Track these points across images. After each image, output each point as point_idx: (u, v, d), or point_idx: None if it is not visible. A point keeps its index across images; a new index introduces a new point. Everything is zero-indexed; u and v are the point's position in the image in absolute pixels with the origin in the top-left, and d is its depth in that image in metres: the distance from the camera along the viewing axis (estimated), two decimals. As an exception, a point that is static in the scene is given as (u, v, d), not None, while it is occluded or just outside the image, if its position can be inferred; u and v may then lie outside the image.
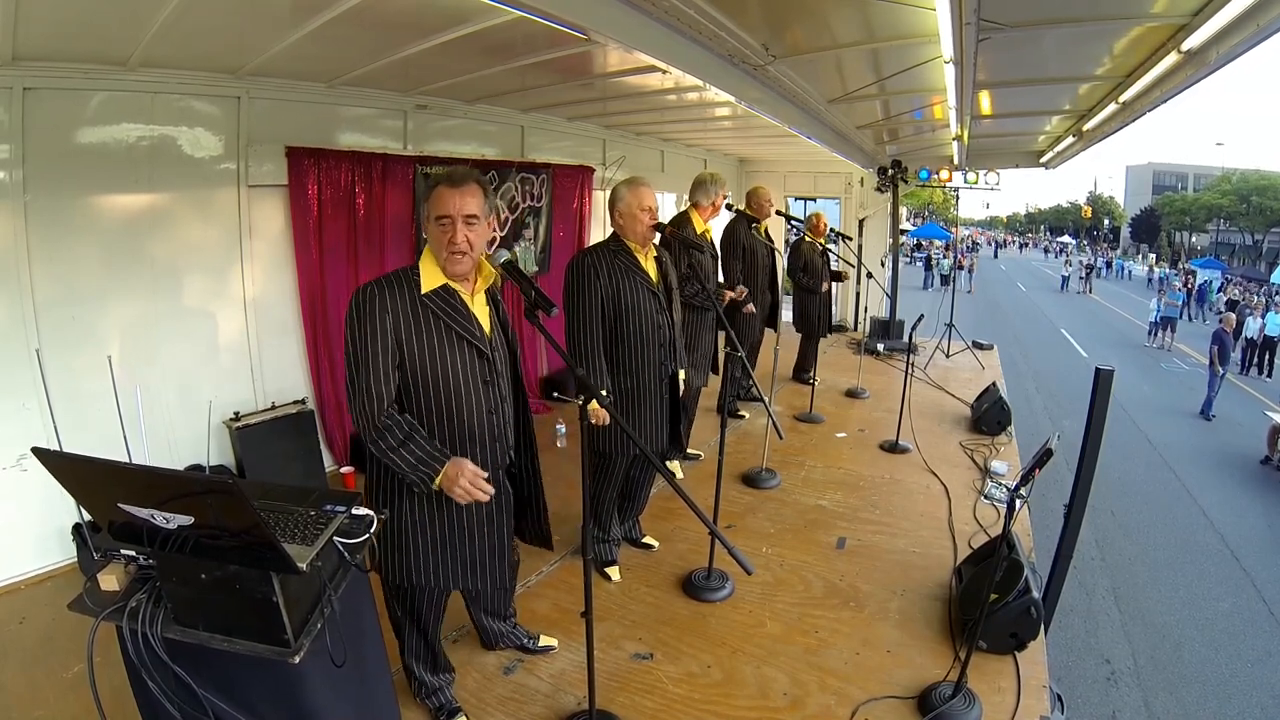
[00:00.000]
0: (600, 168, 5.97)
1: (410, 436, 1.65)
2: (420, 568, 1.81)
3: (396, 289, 1.66)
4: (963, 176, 7.51)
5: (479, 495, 1.63)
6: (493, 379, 1.77)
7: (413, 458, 1.63)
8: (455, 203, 1.63)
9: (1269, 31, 2.27)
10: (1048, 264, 39.41)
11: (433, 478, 1.63)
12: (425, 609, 1.93)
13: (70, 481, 1.25)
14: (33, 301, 2.79)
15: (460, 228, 1.64)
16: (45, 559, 2.91)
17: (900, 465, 4.14)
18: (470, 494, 1.62)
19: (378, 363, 1.63)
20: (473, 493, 1.62)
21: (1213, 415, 10.37)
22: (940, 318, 7.14)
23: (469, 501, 1.66)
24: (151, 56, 2.77)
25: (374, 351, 1.62)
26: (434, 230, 1.67)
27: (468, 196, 1.64)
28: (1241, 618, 5.32)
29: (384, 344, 1.63)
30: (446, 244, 1.64)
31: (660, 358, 2.64)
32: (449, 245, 1.64)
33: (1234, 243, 35.79)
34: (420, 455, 1.63)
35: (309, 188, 3.65)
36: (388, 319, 1.63)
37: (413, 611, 1.94)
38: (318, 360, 3.91)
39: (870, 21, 2.90)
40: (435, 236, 1.67)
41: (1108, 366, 2.74)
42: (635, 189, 2.53)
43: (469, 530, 1.81)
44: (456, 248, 1.64)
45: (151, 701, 1.34)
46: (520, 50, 3.01)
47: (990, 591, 2.17)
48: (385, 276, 1.70)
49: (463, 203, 1.63)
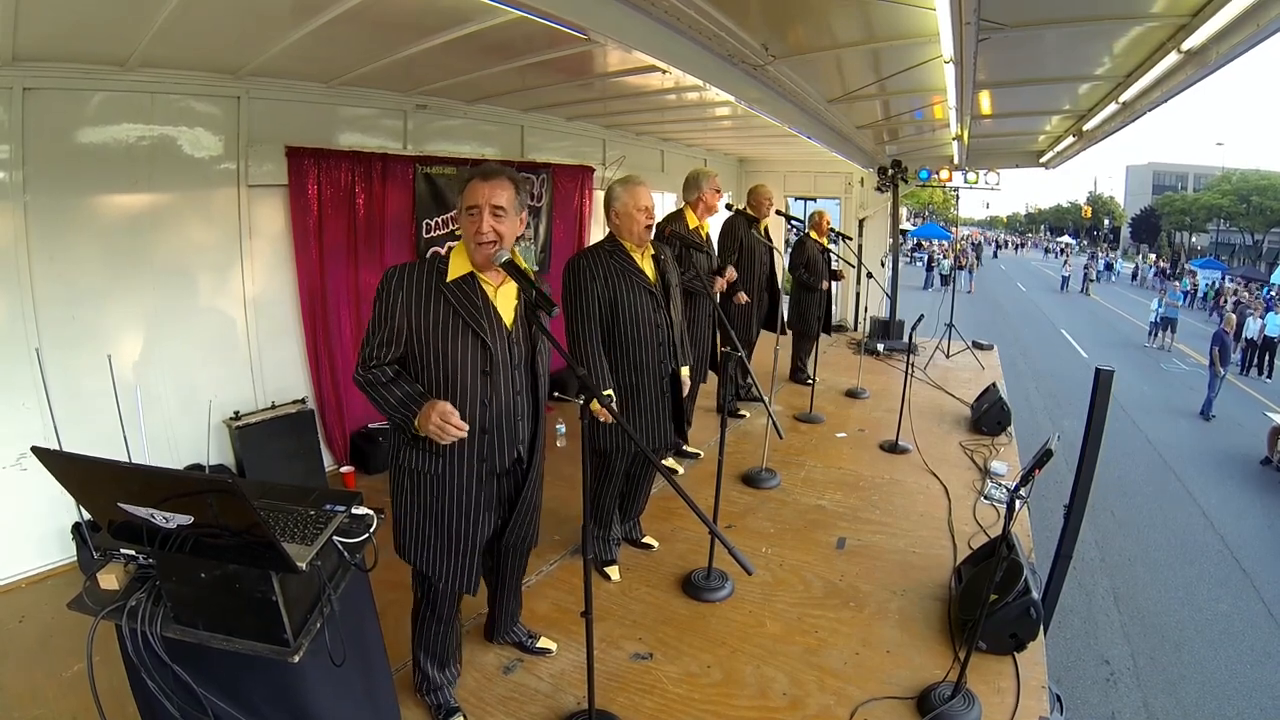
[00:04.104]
0: (600, 167, 5.97)
1: (394, 380, 1.75)
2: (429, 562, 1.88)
3: (419, 273, 1.79)
4: (963, 176, 7.51)
5: (452, 431, 1.66)
6: (493, 371, 1.80)
7: (394, 399, 1.73)
8: (485, 193, 1.74)
9: (1269, 31, 2.27)
10: (1047, 264, 39.42)
11: (412, 418, 1.70)
12: (441, 598, 1.97)
13: (70, 481, 1.25)
14: (33, 301, 2.79)
15: (487, 217, 1.73)
16: (45, 558, 2.91)
17: (900, 465, 4.14)
18: (444, 429, 1.65)
19: (384, 331, 1.77)
20: (442, 432, 1.65)
21: (1213, 416, 10.37)
22: (940, 318, 7.13)
23: (446, 440, 1.68)
24: (151, 56, 2.77)
25: (384, 320, 1.76)
26: (465, 220, 1.78)
27: (497, 189, 1.75)
28: (1241, 618, 5.32)
29: (392, 315, 1.76)
30: (474, 232, 1.74)
31: (659, 357, 2.64)
32: (476, 234, 1.74)
33: (1234, 243, 35.77)
34: (401, 397, 1.73)
35: (309, 188, 3.65)
36: (400, 295, 1.76)
37: (431, 598, 1.98)
38: (318, 360, 3.91)
39: (870, 21, 2.90)
40: (465, 226, 1.77)
41: (1108, 367, 2.74)
42: (631, 189, 2.53)
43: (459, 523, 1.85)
44: (484, 236, 1.74)
45: (151, 701, 1.35)
46: (520, 50, 3.01)
47: (990, 592, 2.17)
48: (414, 261, 1.88)
49: (491, 194, 1.74)
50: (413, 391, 1.73)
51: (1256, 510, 7.30)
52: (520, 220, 1.83)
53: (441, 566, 1.88)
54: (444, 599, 1.98)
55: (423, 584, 1.98)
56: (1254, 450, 8.79)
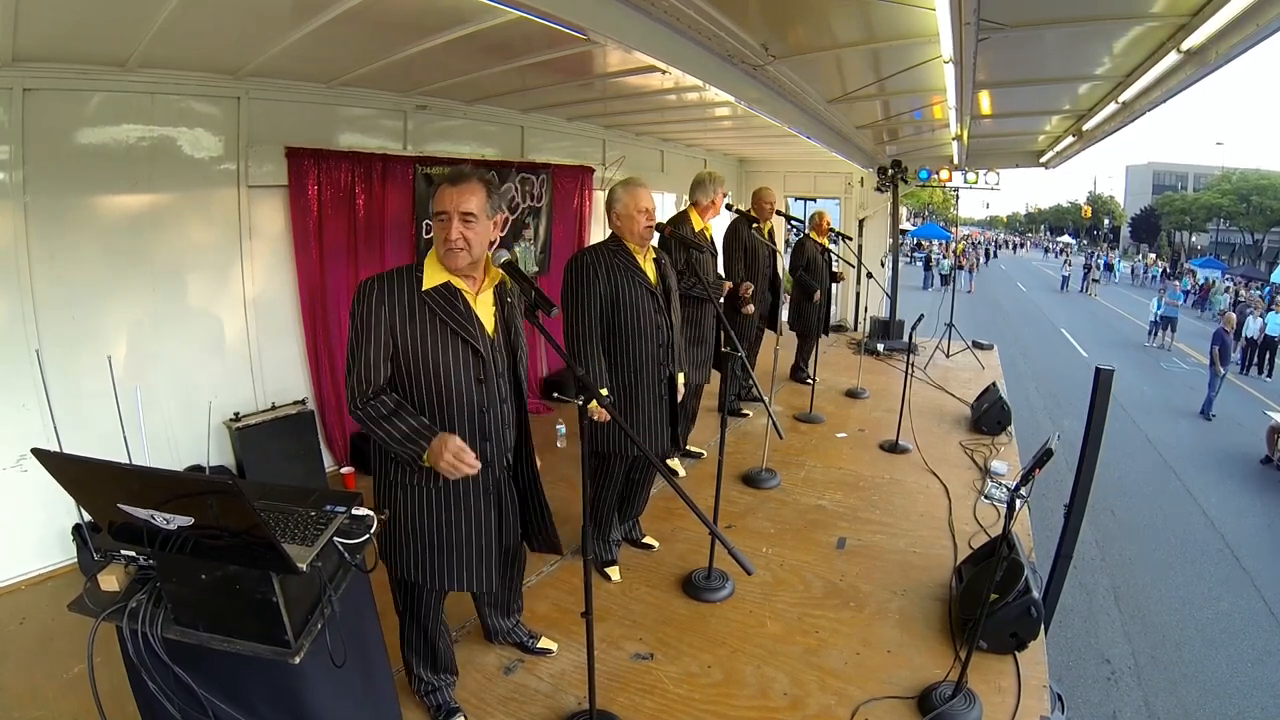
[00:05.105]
0: (600, 168, 5.96)
1: (396, 412, 1.69)
2: (417, 565, 1.83)
3: (397, 284, 1.73)
4: (963, 176, 7.50)
5: (465, 468, 1.65)
6: (487, 378, 1.79)
7: (398, 433, 1.67)
8: (453, 199, 1.68)
9: (1269, 31, 2.27)
10: (1047, 264, 39.41)
11: (420, 453, 1.66)
12: (423, 605, 1.95)
13: (70, 482, 1.25)
14: (33, 301, 2.79)
15: (456, 224, 1.68)
16: (45, 559, 2.91)
17: (900, 465, 4.14)
18: (456, 467, 1.64)
19: (368, 351, 1.70)
20: (459, 466, 1.64)
21: (1213, 415, 10.37)
22: (940, 318, 7.13)
23: (457, 476, 1.67)
24: (151, 57, 2.77)
25: (366, 340, 1.70)
26: (435, 226, 1.73)
27: (466, 194, 1.69)
28: (1241, 617, 5.32)
29: (376, 334, 1.69)
30: (443, 239, 1.70)
31: (659, 358, 2.64)
32: (445, 241, 1.70)
33: (1234, 242, 35.75)
34: (406, 431, 1.67)
35: (309, 188, 3.65)
36: (383, 311, 1.70)
37: (411, 606, 1.96)
38: (318, 360, 3.91)
39: (870, 21, 2.90)
40: (436, 232, 1.73)
41: (1108, 366, 2.74)
42: (632, 190, 2.53)
43: (462, 531, 1.83)
44: (452, 243, 1.69)
45: (151, 702, 1.35)
46: (520, 50, 3.01)
47: (990, 591, 2.17)
48: (388, 271, 1.77)
49: (460, 200, 1.68)
50: (418, 425, 1.67)
51: (1256, 509, 7.29)
52: (495, 224, 1.77)
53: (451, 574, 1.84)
54: (425, 606, 1.94)
55: (403, 592, 1.94)
56: (1254, 449, 8.79)
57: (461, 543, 1.83)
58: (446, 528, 1.81)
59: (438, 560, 1.83)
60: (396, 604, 1.99)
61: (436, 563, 1.83)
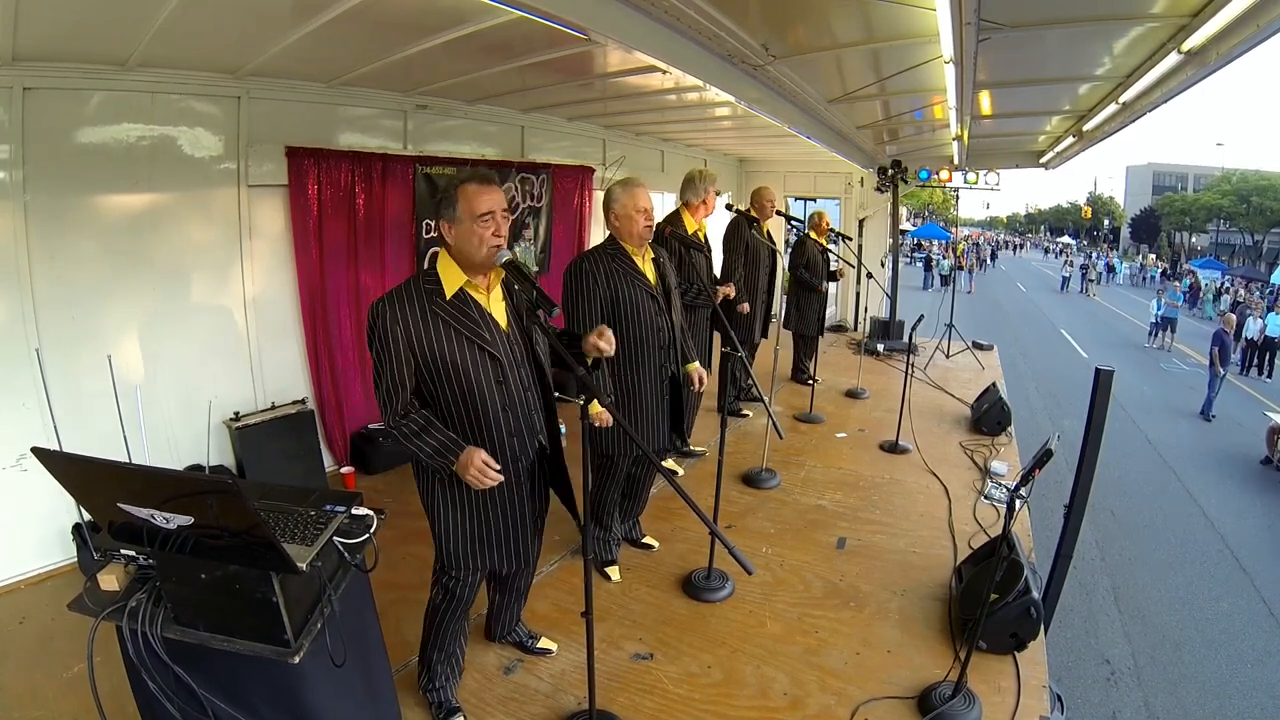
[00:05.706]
0: (600, 168, 5.97)
1: (425, 428, 1.76)
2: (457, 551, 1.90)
3: (408, 300, 1.76)
4: (963, 176, 7.51)
5: (487, 481, 1.74)
6: (505, 379, 1.83)
7: (429, 448, 1.75)
8: (495, 199, 1.75)
9: (1269, 31, 2.27)
10: (1047, 264, 39.40)
11: (450, 464, 1.75)
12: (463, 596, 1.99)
13: (70, 481, 1.25)
14: (33, 301, 2.79)
15: (501, 221, 1.76)
16: (45, 559, 2.91)
17: (900, 465, 4.14)
18: (480, 480, 1.73)
19: (392, 369, 1.75)
20: (482, 480, 1.73)
21: (1213, 415, 10.37)
22: (940, 318, 7.13)
23: (483, 487, 1.76)
24: (151, 56, 2.77)
25: (388, 359, 1.75)
26: (473, 228, 1.73)
27: (499, 194, 1.78)
28: (1241, 618, 5.32)
29: (396, 353, 1.74)
30: (490, 237, 1.74)
31: (660, 359, 2.64)
32: (494, 238, 1.74)
33: (1234, 243, 35.76)
34: (436, 446, 1.75)
35: (309, 188, 3.65)
36: (399, 329, 1.73)
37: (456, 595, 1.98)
38: (318, 360, 3.91)
39: (870, 21, 2.90)
40: (473, 233, 1.73)
41: (1108, 366, 2.74)
42: (630, 190, 2.52)
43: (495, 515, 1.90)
44: (502, 240, 1.76)
45: (151, 701, 1.35)
46: (520, 50, 3.01)
47: (990, 591, 2.17)
48: (396, 289, 1.79)
49: (498, 198, 1.77)
50: (447, 440, 1.75)
51: (1256, 510, 7.29)
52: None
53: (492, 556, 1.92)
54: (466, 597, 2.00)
55: (446, 582, 1.98)
56: (1254, 450, 8.79)
57: (499, 526, 1.91)
58: (485, 513, 1.89)
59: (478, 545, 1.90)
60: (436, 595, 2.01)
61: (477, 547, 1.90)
